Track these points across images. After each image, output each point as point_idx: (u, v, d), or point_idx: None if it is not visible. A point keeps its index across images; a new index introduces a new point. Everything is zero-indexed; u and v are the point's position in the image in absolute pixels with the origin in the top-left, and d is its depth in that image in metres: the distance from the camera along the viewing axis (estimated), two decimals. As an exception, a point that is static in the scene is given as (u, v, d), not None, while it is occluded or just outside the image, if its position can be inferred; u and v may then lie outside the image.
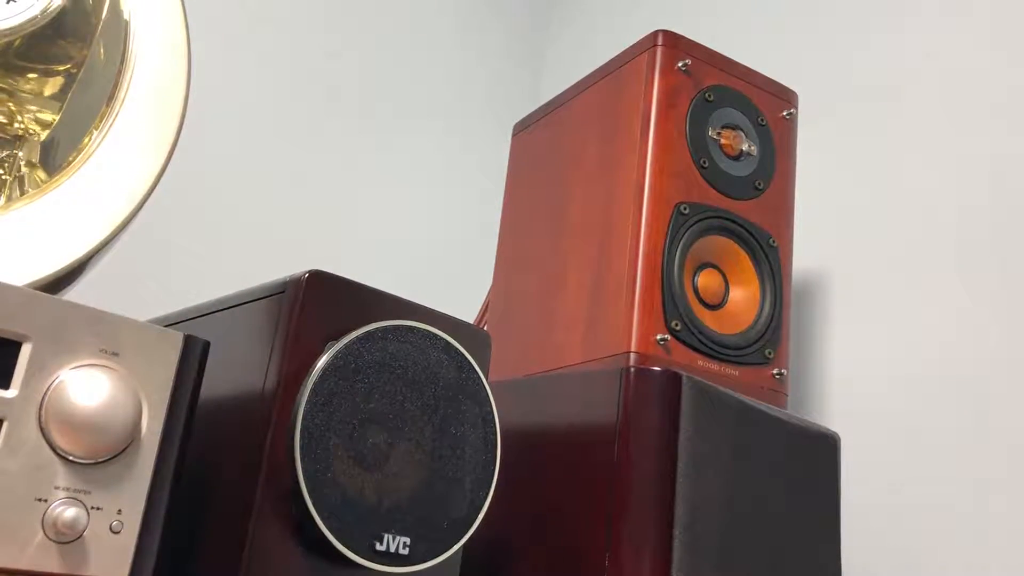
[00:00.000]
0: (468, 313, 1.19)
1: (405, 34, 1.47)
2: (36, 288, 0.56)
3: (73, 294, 0.66)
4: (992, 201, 0.94)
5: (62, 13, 0.62)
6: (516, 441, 0.80)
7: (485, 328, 1.00)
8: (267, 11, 1.32)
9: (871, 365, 1.00)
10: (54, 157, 0.63)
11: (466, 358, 0.61)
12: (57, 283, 0.58)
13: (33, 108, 0.65)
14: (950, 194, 0.98)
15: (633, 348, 0.78)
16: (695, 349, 0.80)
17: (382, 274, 1.33)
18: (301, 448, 0.53)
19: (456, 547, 0.59)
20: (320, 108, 1.35)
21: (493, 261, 1.04)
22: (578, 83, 0.96)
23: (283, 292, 0.57)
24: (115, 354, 0.49)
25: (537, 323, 0.90)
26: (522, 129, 1.05)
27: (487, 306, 1.05)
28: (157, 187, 0.92)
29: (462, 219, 1.46)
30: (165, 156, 0.58)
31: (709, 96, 0.86)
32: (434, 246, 1.42)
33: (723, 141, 0.86)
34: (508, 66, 1.60)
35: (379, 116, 1.41)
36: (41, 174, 0.63)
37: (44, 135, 0.65)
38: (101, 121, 0.60)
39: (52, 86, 0.66)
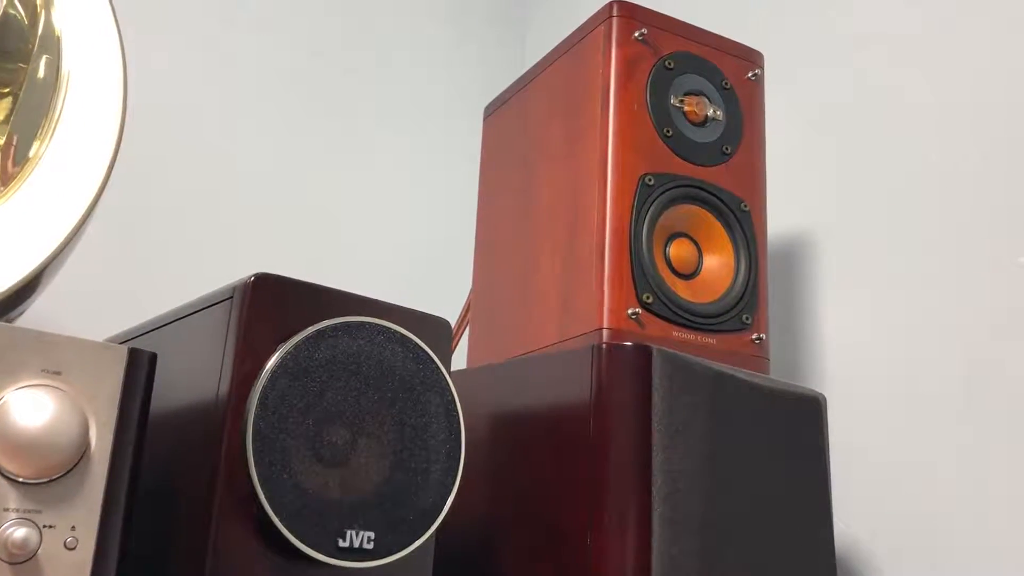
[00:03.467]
0: (458, 308, 1.19)
1: (387, 31, 1.46)
2: (-13, 311, 0.57)
3: (39, 313, 0.67)
4: (978, 152, 0.92)
5: (-4, 37, 0.62)
6: (496, 425, 0.80)
7: (468, 320, 1.00)
8: (247, 12, 1.32)
9: (865, 328, 0.98)
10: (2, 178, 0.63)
11: (423, 349, 0.61)
12: (8, 304, 0.58)
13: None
14: (934, 147, 0.96)
15: (605, 324, 0.77)
16: (669, 320, 0.79)
17: (369, 274, 1.32)
18: (254, 451, 0.53)
19: (424, 537, 0.59)
20: (301, 109, 1.35)
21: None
22: (541, 61, 0.95)
23: (231, 297, 0.57)
24: (57, 373, 0.49)
25: (515, 307, 0.90)
26: (492, 112, 1.04)
27: (471, 301, 1.05)
28: (135, 194, 0.92)
29: (446, 216, 1.45)
30: (104, 171, 0.58)
31: (669, 64, 0.85)
32: (418, 246, 1.41)
33: (687, 108, 0.85)
34: (491, 66, 1.58)
35: (359, 115, 1.40)
36: (-10, 197, 0.63)
37: (-6, 158, 0.65)
38: (41, 141, 0.60)
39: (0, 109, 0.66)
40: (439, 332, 0.64)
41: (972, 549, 0.84)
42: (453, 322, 1.09)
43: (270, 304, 0.57)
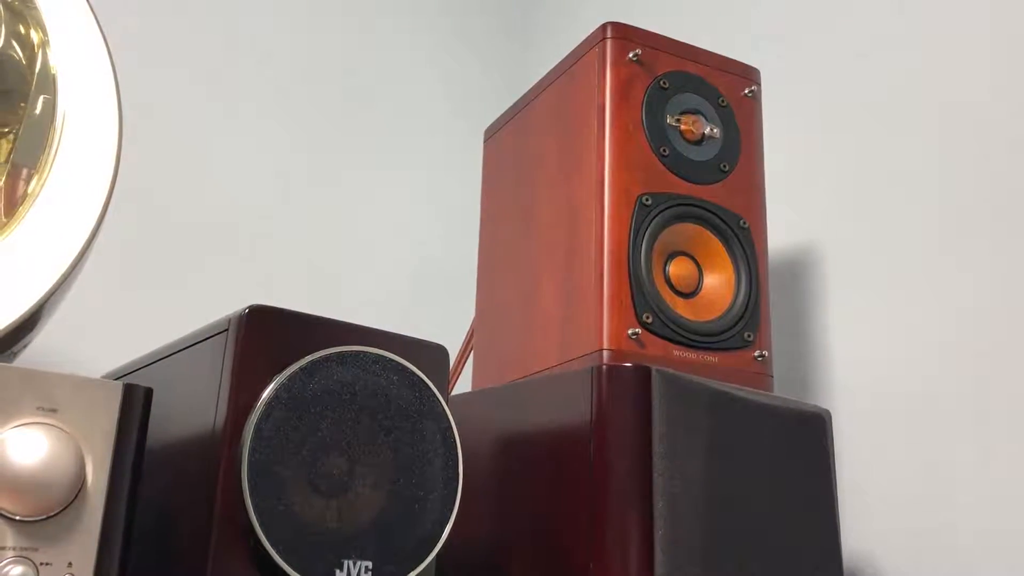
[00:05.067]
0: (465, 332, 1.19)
1: (387, 53, 1.47)
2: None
3: (35, 348, 0.67)
4: (982, 161, 0.92)
5: (-7, 77, 0.63)
6: (497, 448, 0.80)
7: (472, 344, 1.00)
8: (246, 37, 1.33)
9: (873, 340, 0.98)
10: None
11: (419, 377, 0.61)
12: (7, 341, 0.59)
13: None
14: (937, 156, 0.96)
15: (605, 346, 0.77)
16: (670, 340, 0.79)
17: (375, 301, 1.32)
18: (249, 484, 0.53)
19: (422, 566, 0.59)
20: (300, 133, 1.35)
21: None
22: (538, 83, 0.96)
23: (226, 330, 0.58)
24: (53, 410, 0.50)
25: (517, 329, 0.90)
26: (491, 134, 1.05)
27: (474, 324, 1.05)
28: (130, 226, 0.92)
29: (454, 240, 1.45)
30: (101, 207, 0.59)
31: (664, 83, 0.85)
32: (425, 270, 1.41)
33: (683, 127, 0.85)
34: (494, 86, 1.58)
35: (361, 138, 1.41)
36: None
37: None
38: (39, 177, 0.61)
39: (0, 148, 0.67)
40: (436, 359, 0.64)
41: (986, 564, 0.83)
42: (459, 346, 1.10)
43: (265, 335, 0.57)
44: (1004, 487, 0.83)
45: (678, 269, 0.83)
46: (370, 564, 0.56)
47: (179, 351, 0.63)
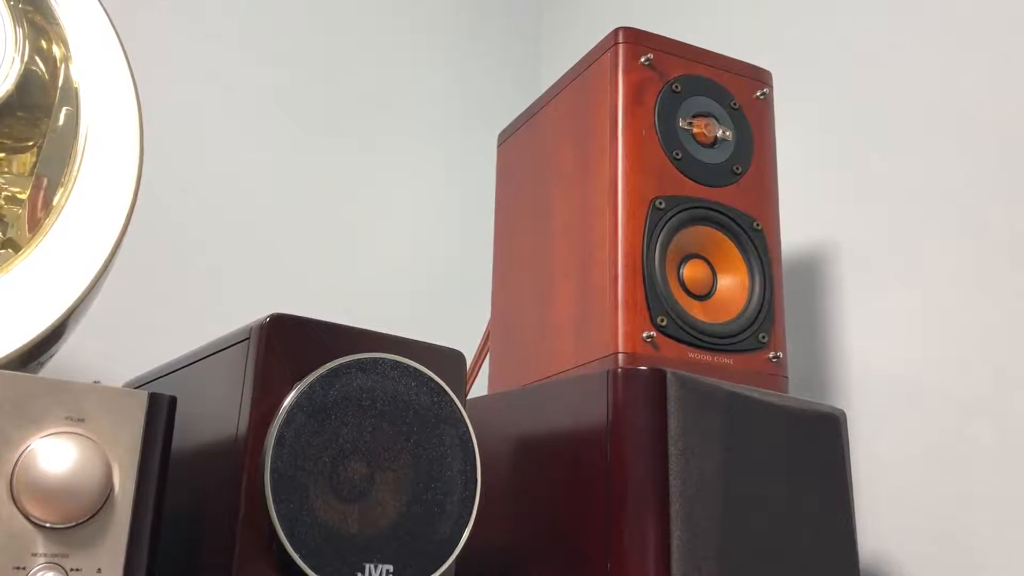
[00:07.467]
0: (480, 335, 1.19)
1: (399, 58, 1.48)
2: (13, 358, 0.59)
3: (61, 354, 0.69)
4: (997, 158, 0.92)
5: (18, 92, 0.65)
6: (514, 451, 0.81)
7: (488, 347, 1.01)
8: (264, 44, 1.34)
9: (889, 340, 0.98)
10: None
11: (436, 382, 0.62)
12: (35, 352, 0.60)
13: (11, 187, 0.68)
14: (953, 154, 0.96)
15: (621, 349, 0.78)
16: (684, 342, 0.79)
17: (391, 305, 1.33)
18: (272, 490, 0.54)
19: (442, 569, 0.60)
20: (316, 140, 1.36)
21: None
22: (551, 87, 0.97)
23: (248, 338, 0.59)
24: (81, 420, 0.51)
25: (533, 332, 0.91)
26: (505, 139, 1.05)
27: (490, 328, 1.06)
28: (152, 234, 0.94)
29: (471, 244, 1.45)
30: (123, 219, 0.60)
31: (676, 87, 0.86)
32: (439, 274, 1.42)
33: (695, 130, 0.86)
34: (507, 89, 1.59)
35: (375, 143, 1.42)
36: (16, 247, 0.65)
37: (20, 211, 0.67)
38: (63, 189, 0.62)
39: (24, 162, 0.69)
40: (453, 364, 0.65)
41: (1004, 565, 0.83)
42: (475, 350, 1.11)
43: (285, 344, 0.58)
44: (1022, 486, 0.83)
45: (692, 272, 0.84)
46: (391, 567, 0.57)
47: (201, 359, 0.64)
